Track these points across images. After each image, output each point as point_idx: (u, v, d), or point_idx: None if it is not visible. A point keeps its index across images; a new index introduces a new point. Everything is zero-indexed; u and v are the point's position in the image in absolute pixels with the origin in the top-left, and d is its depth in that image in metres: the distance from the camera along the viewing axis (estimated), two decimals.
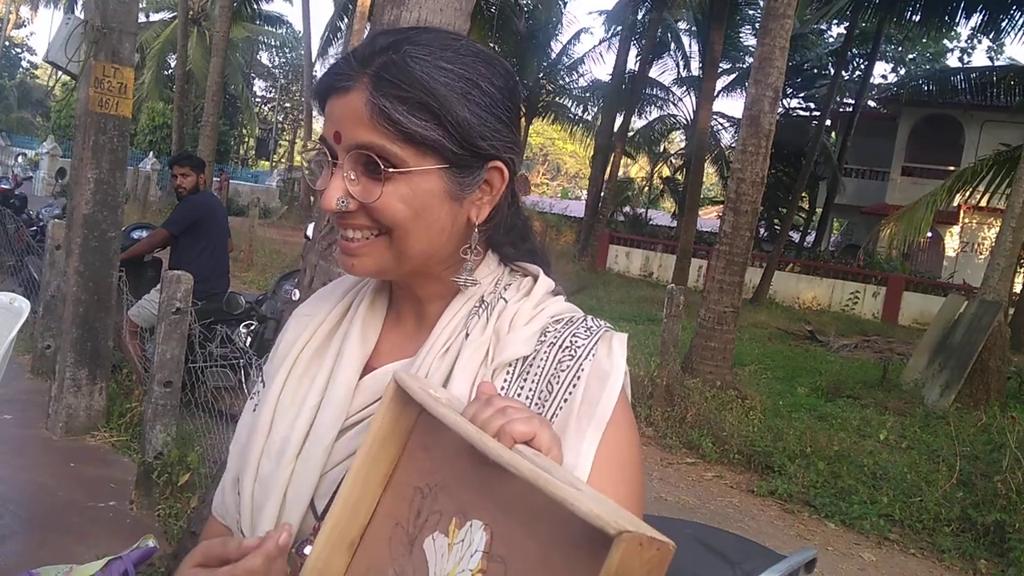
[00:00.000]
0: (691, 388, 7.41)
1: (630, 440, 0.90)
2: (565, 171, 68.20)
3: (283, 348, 1.02)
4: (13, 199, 10.82)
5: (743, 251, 8.32)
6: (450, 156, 0.87)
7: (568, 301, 1.01)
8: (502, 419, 0.72)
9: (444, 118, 0.85)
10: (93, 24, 4.75)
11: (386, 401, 0.81)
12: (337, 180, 0.87)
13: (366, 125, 0.84)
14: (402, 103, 0.84)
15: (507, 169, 0.92)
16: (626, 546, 0.57)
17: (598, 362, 0.89)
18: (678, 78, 30.86)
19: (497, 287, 0.97)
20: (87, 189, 4.91)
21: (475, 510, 0.73)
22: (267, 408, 0.96)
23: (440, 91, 0.85)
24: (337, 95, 0.87)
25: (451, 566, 0.72)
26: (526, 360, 0.91)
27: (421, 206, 0.87)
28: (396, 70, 0.85)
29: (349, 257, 0.91)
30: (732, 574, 2.14)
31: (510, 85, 0.92)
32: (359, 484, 0.82)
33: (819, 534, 5.23)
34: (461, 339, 0.92)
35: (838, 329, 16.49)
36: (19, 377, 6.03)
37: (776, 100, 8.25)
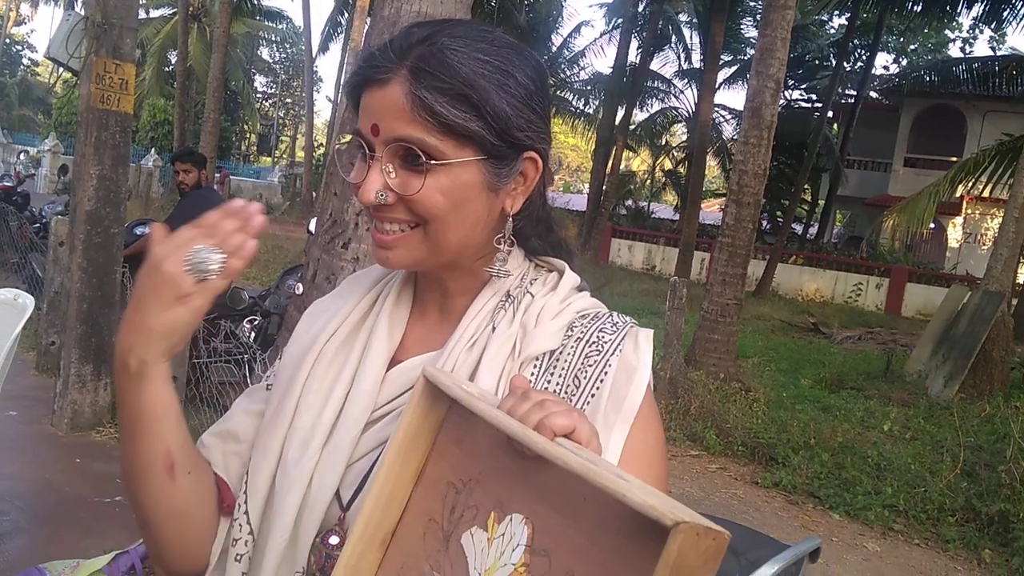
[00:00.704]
0: (695, 380, 7.42)
1: (657, 436, 0.91)
2: (567, 165, 68.17)
3: (307, 336, 1.02)
4: (16, 196, 10.82)
5: (746, 243, 8.32)
6: (488, 147, 0.87)
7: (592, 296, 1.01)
8: (541, 412, 0.72)
9: (483, 109, 0.85)
10: (94, 20, 4.75)
11: (416, 396, 0.81)
12: (375, 173, 0.87)
13: (406, 118, 0.84)
14: (443, 95, 0.84)
15: (541, 160, 0.92)
16: (684, 536, 0.57)
17: (625, 357, 0.90)
18: (679, 70, 30.85)
19: (524, 281, 0.97)
20: (90, 185, 4.92)
21: (514, 504, 0.72)
22: (292, 395, 0.96)
23: (479, 82, 0.85)
24: (374, 87, 0.87)
25: (492, 561, 0.72)
26: (553, 354, 0.91)
27: (460, 198, 0.88)
28: (435, 62, 0.84)
29: (384, 250, 0.91)
30: (736, 564, 2.15)
31: (542, 76, 0.92)
32: (390, 480, 0.82)
33: (823, 525, 5.23)
34: (488, 332, 0.93)
35: (841, 321, 16.47)
36: (24, 374, 6.04)
37: (778, 91, 8.23)
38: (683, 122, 32.85)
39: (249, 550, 0.94)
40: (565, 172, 67.84)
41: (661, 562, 0.57)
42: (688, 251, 20.21)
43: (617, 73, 26.17)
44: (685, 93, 31.19)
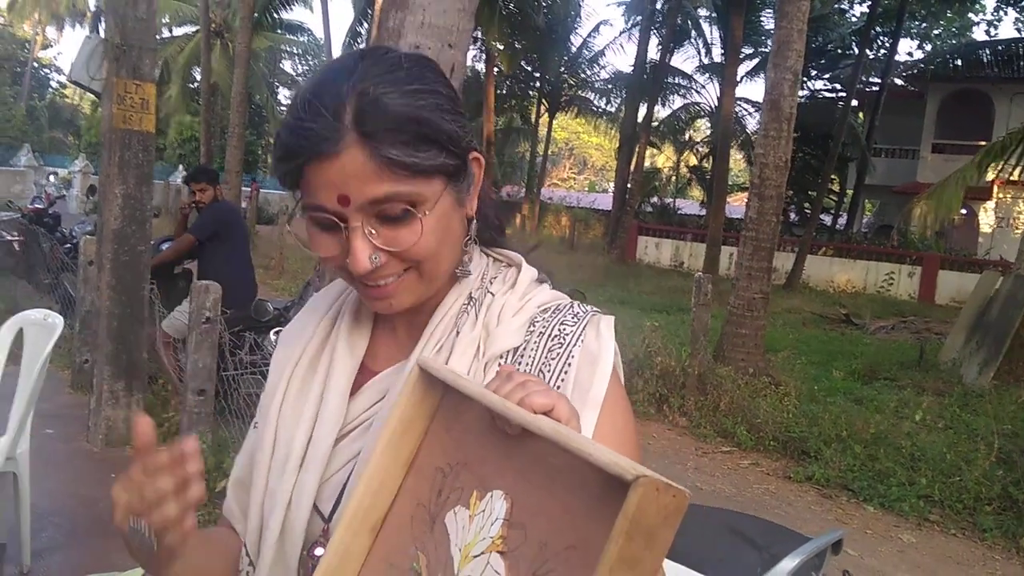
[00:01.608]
0: (723, 376, 7.38)
1: (625, 420, 0.92)
2: (591, 164, 68.01)
3: (277, 367, 1.03)
4: (47, 218, 10.97)
5: (770, 236, 8.27)
6: (451, 170, 0.88)
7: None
8: (522, 392, 0.73)
9: (439, 139, 0.86)
10: (113, 42, 4.83)
11: (409, 384, 0.83)
12: (360, 241, 0.86)
13: (375, 179, 0.83)
14: (405, 145, 0.83)
15: (481, 155, 0.94)
16: (643, 490, 0.58)
17: (587, 347, 0.91)
18: (700, 65, 30.73)
19: (483, 281, 0.99)
20: (115, 204, 5.00)
21: (496, 481, 0.74)
22: (269, 426, 0.99)
23: (424, 115, 0.84)
24: (323, 161, 0.83)
25: (472, 536, 0.74)
26: (517, 351, 0.93)
27: (444, 228, 0.89)
28: (380, 115, 0.83)
29: (384, 300, 0.91)
30: (759, 558, 2.15)
31: (446, 75, 0.93)
32: (381, 468, 0.83)
33: (857, 518, 5.19)
34: (452, 337, 0.94)
35: (874, 311, 16.30)
36: (60, 392, 6.15)
37: (796, 83, 8.18)
38: (706, 117, 32.69)
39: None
40: (590, 171, 67.73)
41: (621, 514, 0.59)
42: (715, 246, 20.10)
43: (638, 70, 26.11)
44: (707, 88, 31.07)
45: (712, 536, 2.27)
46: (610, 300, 14.96)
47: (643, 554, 0.59)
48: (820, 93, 30.44)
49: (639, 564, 0.60)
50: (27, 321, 3.67)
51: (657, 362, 7.39)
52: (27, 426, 3.38)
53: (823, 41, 27.50)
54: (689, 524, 2.02)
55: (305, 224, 0.90)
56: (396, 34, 2.43)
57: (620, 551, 0.59)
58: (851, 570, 4.25)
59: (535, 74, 32.83)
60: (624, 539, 0.59)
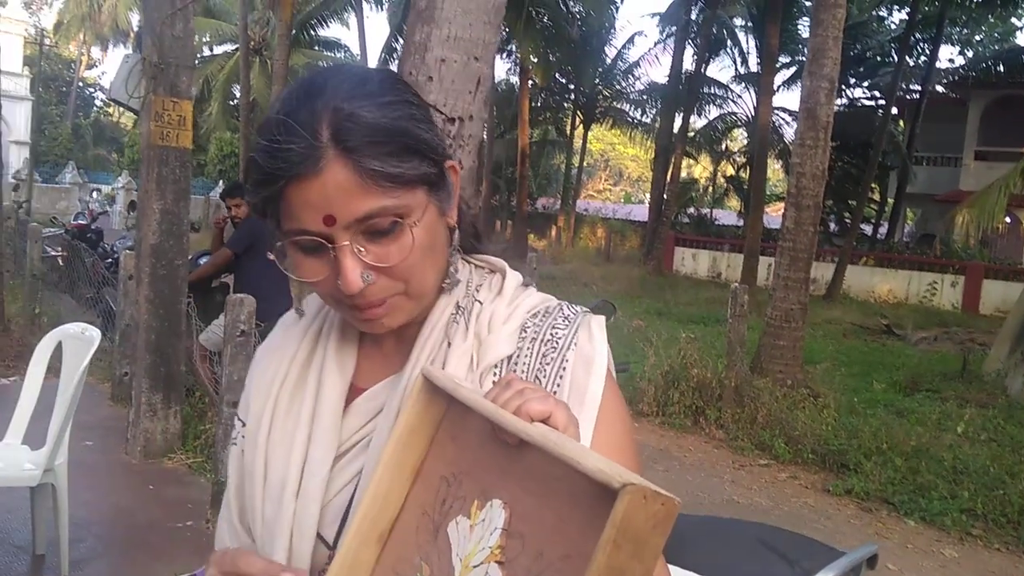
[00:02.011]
0: (760, 388, 7.30)
1: (623, 420, 0.92)
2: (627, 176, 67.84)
3: (261, 390, 0.99)
4: (90, 233, 11.21)
5: (807, 246, 8.18)
6: (432, 178, 0.87)
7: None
8: (520, 399, 0.73)
9: (419, 149, 0.85)
10: (151, 60, 4.92)
11: (414, 394, 0.82)
12: (350, 260, 0.84)
13: (360, 195, 0.81)
14: (388, 156, 0.82)
15: (456, 164, 0.93)
16: (630, 498, 0.58)
17: (580, 350, 0.91)
18: (736, 75, 30.57)
19: (469, 289, 0.97)
20: (153, 220, 5.08)
21: (496, 490, 0.74)
22: (259, 451, 0.95)
23: (402, 125, 0.83)
24: (303, 181, 0.81)
25: (472, 546, 0.73)
26: (511, 359, 0.92)
27: (430, 240, 0.88)
28: (359, 129, 0.81)
29: (377, 320, 0.89)
30: (791, 572, 2.11)
31: (412, 88, 0.92)
32: (387, 477, 0.83)
33: (898, 532, 5.09)
34: (445, 349, 0.93)
35: (916, 322, 16.03)
36: (100, 404, 6.25)
37: (832, 91, 8.09)
38: (743, 127, 32.48)
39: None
40: (626, 183, 67.57)
41: (608, 523, 0.58)
42: (753, 257, 19.89)
43: (673, 81, 26.02)
44: (743, 97, 30.86)
45: (742, 550, 2.24)
46: (646, 312, 14.90)
47: (631, 563, 0.59)
48: (859, 101, 30.09)
49: (627, 573, 0.59)
50: (65, 335, 3.73)
51: (693, 374, 7.32)
52: (65, 438, 3.43)
53: (862, 48, 27.21)
54: (718, 538, 1.99)
55: (288, 251, 0.87)
56: (423, 48, 2.45)
57: (608, 560, 0.58)
58: None
59: (569, 86, 32.86)
60: (612, 548, 0.58)
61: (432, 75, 2.45)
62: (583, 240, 31.50)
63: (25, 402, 3.68)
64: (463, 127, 2.51)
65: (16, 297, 9.23)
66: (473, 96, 2.52)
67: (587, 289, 17.09)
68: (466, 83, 2.50)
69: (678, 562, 2.01)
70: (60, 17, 43.56)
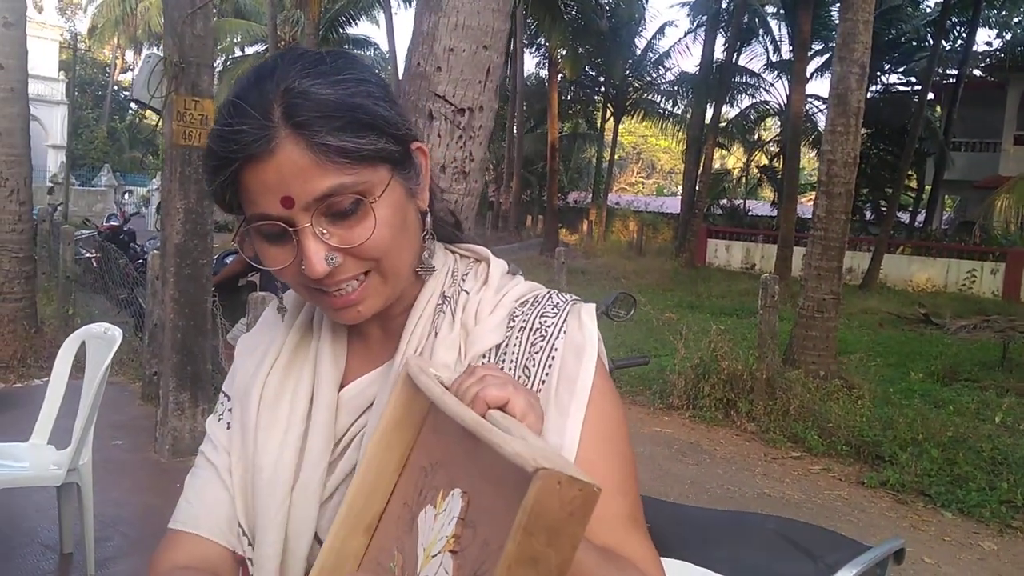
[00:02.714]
0: (793, 380, 7.18)
1: (615, 410, 0.89)
2: (660, 168, 67.41)
3: (247, 374, 0.98)
4: (122, 235, 11.34)
5: (839, 235, 8.03)
6: (396, 156, 0.85)
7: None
8: (479, 386, 0.72)
9: (376, 124, 0.82)
10: (172, 60, 4.93)
11: (398, 387, 0.82)
12: (312, 242, 0.81)
13: (317, 172, 0.78)
14: (341, 131, 0.79)
15: (424, 146, 0.90)
16: (543, 483, 0.56)
17: (570, 338, 0.89)
18: (768, 63, 30.15)
19: (455, 278, 0.95)
20: (177, 219, 5.11)
21: (460, 480, 0.72)
22: (248, 435, 0.93)
23: (356, 101, 0.81)
24: (258, 163, 0.79)
25: (433, 535, 0.72)
26: (499, 348, 0.90)
27: (399, 220, 0.85)
28: (310, 105, 0.79)
29: (351, 307, 0.86)
30: (814, 567, 2.05)
31: (373, 69, 0.90)
32: (373, 468, 0.82)
33: (934, 524, 4.98)
34: (432, 339, 0.91)
35: (955, 310, 15.76)
36: (130, 404, 6.31)
37: (863, 76, 7.93)
38: (775, 116, 32.12)
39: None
40: (658, 175, 67.16)
41: (520, 508, 0.56)
42: (787, 247, 19.60)
43: (704, 71, 25.80)
44: (776, 86, 30.52)
45: (763, 545, 2.18)
46: (678, 305, 14.79)
47: (545, 551, 0.57)
48: (894, 87, 29.60)
49: (542, 562, 0.57)
50: (89, 335, 3.75)
51: (724, 366, 7.23)
52: (89, 438, 3.45)
53: (896, 33, 26.75)
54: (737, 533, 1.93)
55: (252, 239, 0.85)
56: (431, 37, 2.41)
57: (518, 548, 0.56)
58: None
59: (599, 78, 32.70)
60: (522, 535, 0.56)
61: (441, 65, 2.41)
62: (615, 234, 31.31)
63: (50, 402, 3.71)
64: (473, 117, 2.47)
65: (51, 299, 9.36)
66: (483, 86, 2.48)
67: (618, 283, 16.99)
68: (476, 72, 2.45)
69: (695, 559, 1.96)
70: (94, 21, 44.11)
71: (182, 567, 0.91)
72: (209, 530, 0.94)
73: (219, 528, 0.94)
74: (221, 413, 1.01)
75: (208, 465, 0.97)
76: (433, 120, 2.43)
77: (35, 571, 3.62)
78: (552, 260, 10.83)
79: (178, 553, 0.93)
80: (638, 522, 0.87)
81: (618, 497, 0.85)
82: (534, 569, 0.57)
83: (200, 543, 0.93)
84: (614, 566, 0.77)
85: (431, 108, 2.41)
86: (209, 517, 0.94)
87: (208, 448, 0.99)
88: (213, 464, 0.97)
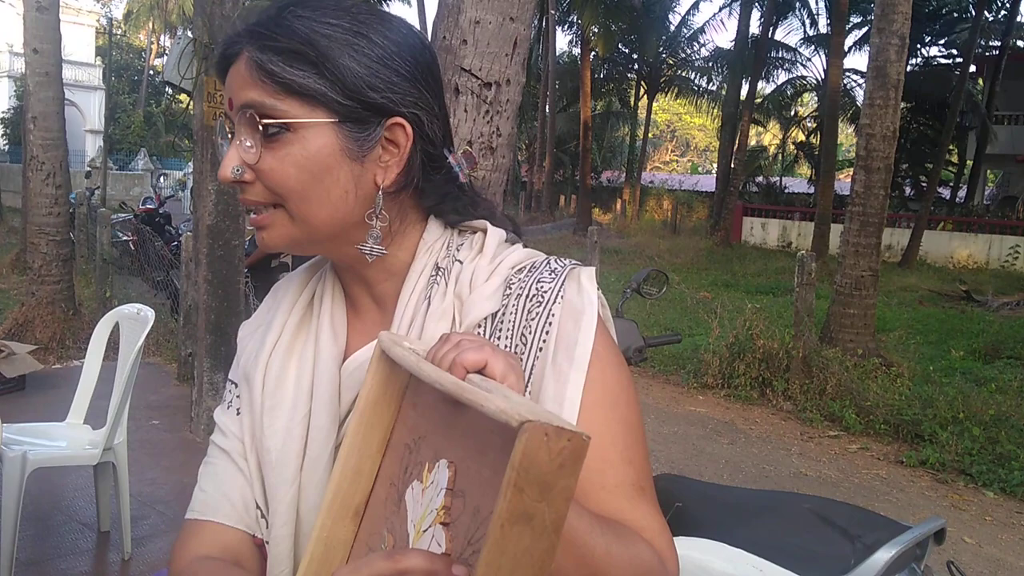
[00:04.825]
0: (830, 358, 7.07)
1: (618, 375, 0.86)
2: (694, 146, 66.81)
3: (249, 357, 0.98)
4: (158, 218, 11.47)
5: (878, 211, 7.87)
6: (338, 108, 0.83)
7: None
8: (455, 352, 0.71)
9: (323, 66, 0.82)
10: (201, 41, 4.93)
11: (374, 363, 0.81)
12: (232, 149, 0.84)
13: (249, 84, 0.82)
14: (277, 54, 0.81)
15: (411, 127, 0.87)
16: (529, 436, 0.54)
17: (568, 302, 0.86)
18: (805, 37, 29.68)
19: (449, 249, 0.93)
20: (209, 201, 5.12)
21: (445, 451, 0.71)
22: (255, 418, 0.93)
23: (319, 41, 0.82)
24: (230, 66, 0.85)
25: (422, 509, 0.71)
26: (495, 317, 0.88)
27: (316, 168, 0.83)
28: (273, 25, 0.83)
29: (260, 231, 0.88)
30: (852, 548, 2.00)
31: (411, 43, 0.88)
32: (355, 450, 0.81)
33: (975, 504, 4.89)
34: (424, 309, 0.89)
35: (997, 287, 15.46)
36: (167, 384, 6.38)
37: (903, 48, 7.75)
38: (813, 91, 31.62)
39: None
40: (693, 153, 66.56)
41: (508, 464, 0.55)
42: (824, 224, 19.32)
43: (739, 46, 25.40)
44: (813, 60, 30.22)
45: (799, 525, 2.13)
46: (713, 284, 14.66)
47: (539, 507, 0.56)
48: (935, 60, 28.99)
49: (535, 517, 0.56)
50: (122, 316, 3.77)
51: (759, 345, 7.14)
52: (124, 417, 3.47)
53: (937, 5, 26.17)
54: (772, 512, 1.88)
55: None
56: (456, 10, 2.36)
57: (510, 505, 0.55)
58: (968, 560, 4.01)
59: (632, 56, 32.39)
60: (513, 492, 0.55)
61: (466, 38, 2.36)
62: (649, 213, 31.09)
63: (85, 382, 3.74)
64: (500, 91, 2.42)
65: (88, 281, 9.48)
66: (510, 59, 2.43)
67: (652, 263, 16.85)
68: (502, 45, 2.40)
69: (729, 539, 1.92)
70: (129, 7, 44.52)
71: (203, 557, 0.91)
72: (227, 516, 0.94)
73: (237, 513, 0.94)
74: (229, 401, 1.00)
75: (221, 453, 0.97)
76: (459, 94, 2.38)
77: (73, 549, 3.67)
78: (585, 240, 10.74)
79: (199, 543, 0.93)
80: (645, 491, 0.84)
81: (621, 466, 0.83)
82: (528, 525, 0.56)
83: (219, 530, 0.93)
84: (612, 532, 0.74)
85: (457, 82, 2.37)
86: (226, 503, 0.94)
87: (219, 437, 0.99)
88: (225, 451, 0.97)
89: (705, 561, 1.73)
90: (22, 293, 8.13)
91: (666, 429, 6.07)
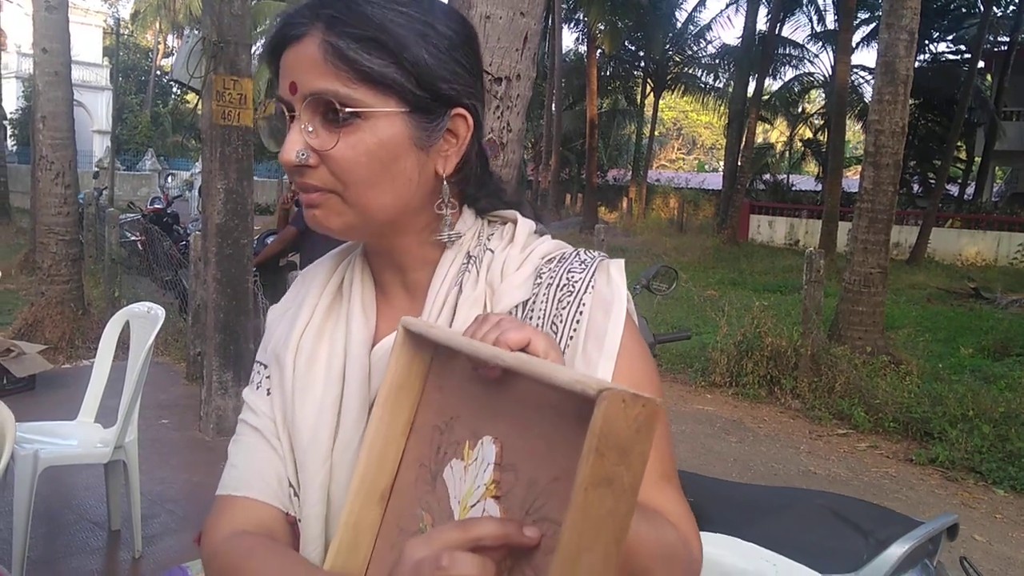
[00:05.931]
0: (838, 356, 7.05)
1: (645, 366, 0.88)
2: (701, 144, 66.66)
3: (279, 339, 0.99)
4: (166, 217, 11.49)
5: (887, 207, 7.84)
6: (411, 98, 0.84)
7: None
8: (497, 331, 0.73)
9: (401, 56, 0.82)
10: (210, 39, 4.94)
11: (397, 347, 0.82)
12: (295, 132, 0.84)
13: (320, 70, 0.81)
14: (355, 40, 0.81)
15: (471, 117, 0.89)
16: (608, 403, 0.57)
17: (598, 293, 0.88)
18: (812, 34, 29.58)
19: (480, 239, 0.95)
20: (218, 200, 5.12)
21: (486, 428, 0.73)
22: (287, 398, 0.94)
23: (396, 30, 0.82)
24: (291, 46, 0.84)
25: (467, 486, 0.72)
26: (526, 305, 0.90)
27: (387, 156, 0.84)
28: (348, 11, 0.82)
29: (311, 209, 0.88)
30: (864, 544, 2.00)
31: (467, 32, 0.91)
32: (381, 434, 0.83)
33: (986, 502, 4.87)
34: (456, 296, 0.90)
35: (1006, 284, 15.39)
36: (176, 384, 6.39)
37: (912, 43, 7.72)
38: (820, 88, 31.52)
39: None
40: (699, 151, 66.42)
41: (589, 431, 0.57)
42: (832, 222, 19.26)
43: (746, 43, 25.34)
44: (820, 57, 30.07)
45: (812, 521, 2.13)
46: (720, 282, 14.63)
47: (618, 470, 0.58)
48: (943, 56, 28.88)
49: (616, 481, 0.58)
50: (132, 315, 3.78)
51: (767, 343, 7.12)
52: (134, 416, 3.48)
53: (946, 0, 26.06)
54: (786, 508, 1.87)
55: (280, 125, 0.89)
56: (466, 5, 2.36)
57: (592, 470, 0.57)
58: (978, 558, 4.00)
59: (639, 53, 32.30)
60: (595, 457, 0.57)
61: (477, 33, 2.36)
62: (655, 211, 31.02)
63: (96, 381, 3.75)
64: (511, 86, 2.42)
65: (97, 281, 9.51)
66: (520, 54, 2.42)
67: (659, 260, 16.79)
68: (513, 40, 2.40)
69: (742, 534, 1.92)
70: (136, 7, 44.57)
71: (239, 532, 0.91)
72: (260, 491, 0.93)
73: (271, 489, 0.94)
74: (259, 382, 1.01)
75: (252, 431, 0.97)
76: None
77: (84, 547, 3.68)
78: (592, 239, 10.75)
79: (232, 518, 0.93)
80: (671, 479, 0.86)
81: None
82: (609, 488, 0.58)
83: (253, 506, 0.93)
84: (639, 513, 0.73)
85: None
86: (259, 479, 0.94)
87: (249, 415, 0.99)
88: (257, 429, 0.97)
89: (718, 556, 1.73)
90: (31, 293, 8.14)
91: (674, 427, 6.06)
